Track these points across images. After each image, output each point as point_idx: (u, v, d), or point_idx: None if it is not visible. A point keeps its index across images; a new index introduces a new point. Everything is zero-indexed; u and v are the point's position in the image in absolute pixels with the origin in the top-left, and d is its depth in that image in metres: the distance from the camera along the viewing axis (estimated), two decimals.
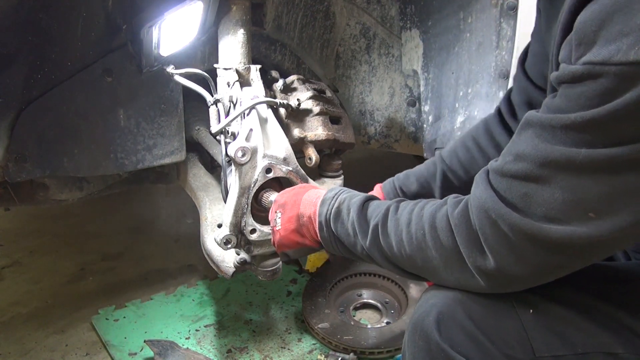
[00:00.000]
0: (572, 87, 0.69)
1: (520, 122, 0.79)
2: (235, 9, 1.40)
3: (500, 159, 0.81)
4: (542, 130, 0.73)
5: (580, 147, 0.69)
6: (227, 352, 1.69)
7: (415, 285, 1.90)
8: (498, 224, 0.76)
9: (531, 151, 0.74)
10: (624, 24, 0.63)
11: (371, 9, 1.74)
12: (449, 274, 0.87)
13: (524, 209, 0.75)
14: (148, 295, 1.98)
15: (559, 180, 0.71)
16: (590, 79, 0.66)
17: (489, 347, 0.82)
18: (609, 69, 0.64)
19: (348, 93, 1.89)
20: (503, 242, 0.77)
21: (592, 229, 0.71)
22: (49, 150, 1.39)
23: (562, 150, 0.70)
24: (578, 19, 0.69)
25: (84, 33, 1.35)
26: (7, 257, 2.25)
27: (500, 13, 1.47)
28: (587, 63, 0.66)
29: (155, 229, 2.54)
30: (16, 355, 1.68)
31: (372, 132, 1.92)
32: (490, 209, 0.77)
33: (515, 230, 0.75)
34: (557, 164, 0.71)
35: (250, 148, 1.23)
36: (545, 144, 0.72)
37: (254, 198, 1.27)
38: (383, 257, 0.94)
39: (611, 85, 0.64)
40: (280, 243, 1.11)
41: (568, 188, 0.71)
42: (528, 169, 0.74)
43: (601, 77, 0.65)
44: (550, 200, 0.72)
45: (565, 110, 0.70)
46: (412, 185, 1.28)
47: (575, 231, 0.71)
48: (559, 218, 0.72)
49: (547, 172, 0.72)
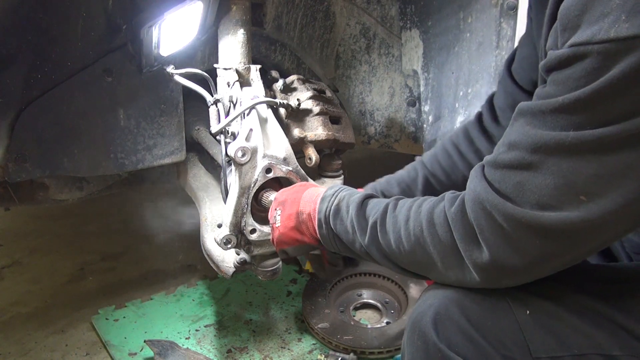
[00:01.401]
0: (559, 72, 0.71)
1: (513, 114, 0.79)
2: (235, 9, 1.40)
3: (494, 151, 0.81)
4: (533, 118, 0.74)
5: (569, 130, 0.70)
6: (227, 352, 1.69)
7: (415, 285, 1.90)
8: (493, 215, 0.77)
9: (522, 139, 0.75)
10: (604, 5, 0.65)
11: (371, 9, 1.74)
12: (446, 270, 0.87)
13: (517, 198, 0.75)
14: (148, 295, 1.98)
15: (550, 165, 0.72)
16: (577, 61, 0.68)
17: (486, 347, 0.82)
18: (592, 47, 0.65)
19: (348, 93, 1.89)
20: (498, 233, 0.77)
21: (584, 212, 0.71)
22: (49, 150, 1.39)
23: (552, 134, 0.71)
24: (561, 7, 0.71)
25: (84, 33, 1.35)
26: (7, 257, 2.25)
27: (500, 13, 1.47)
28: (572, 45, 0.68)
29: (155, 229, 2.54)
30: (16, 355, 1.68)
31: (372, 132, 1.92)
32: (485, 200, 0.78)
33: (510, 220, 0.75)
34: (547, 148, 0.72)
35: (250, 148, 1.23)
36: (535, 130, 0.73)
37: (253, 198, 1.27)
38: (382, 254, 0.94)
39: (596, 64, 0.66)
40: (279, 240, 1.11)
41: (559, 172, 0.72)
42: (520, 156, 0.75)
43: (586, 57, 0.66)
44: (543, 186, 0.73)
45: (554, 96, 0.71)
46: (393, 190, 1.28)
47: (568, 216, 0.72)
48: (552, 204, 0.73)
49: (538, 158, 0.73)
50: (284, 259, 1.23)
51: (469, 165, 1.23)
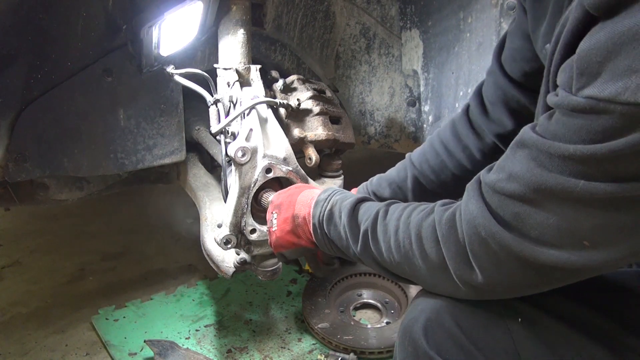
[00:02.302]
0: (571, 117, 0.65)
1: (515, 138, 0.75)
2: (235, 9, 1.40)
3: (493, 172, 0.77)
4: (539, 154, 0.69)
5: (579, 179, 0.65)
6: (227, 352, 1.69)
7: (415, 286, 1.89)
8: (488, 242, 0.74)
9: (525, 174, 0.70)
10: (633, 59, 0.57)
11: (371, 9, 1.74)
12: (435, 282, 0.86)
13: (516, 228, 0.72)
14: (148, 295, 1.98)
15: (554, 207, 0.69)
16: (593, 114, 0.62)
17: (477, 355, 0.81)
18: (614, 107, 0.60)
19: (348, 93, 1.89)
20: (492, 260, 0.75)
21: (585, 257, 0.68)
22: (49, 150, 1.39)
23: (559, 179, 0.67)
24: (581, 45, 0.64)
25: (84, 33, 1.35)
26: (7, 257, 2.25)
27: (500, 13, 1.47)
28: (591, 97, 0.62)
29: (155, 229, 2.54)
30: (16, 355, 1.68)
31: (372, 132, 1.92)
32: (481, 226, 0.75)
33: (506, 249, 0.73)
34: (553, 192, 0.68)
35: (250, 148, 1.23)
36: (540, 169, 0.69)
37: (254, 198, 1.27)
38: (374, 262, 0.94)
39: (616, 123, 0.60)
40: (277, 244, 1.11)
41: (563, 216, 0.68)
42: (522, 191, 0.71)
43: (605, 114, 0.61)
44: (544, 224, 0.70)
45: (563, 139, 0.66)
46: (384, 190, 1.28)
47: (568, 258, 0.69)
48: (552, 243, 0.70)
49: (541, 198, 0.69)
50: (283, 261, 1.23)
51: (457, 164, 1.22)
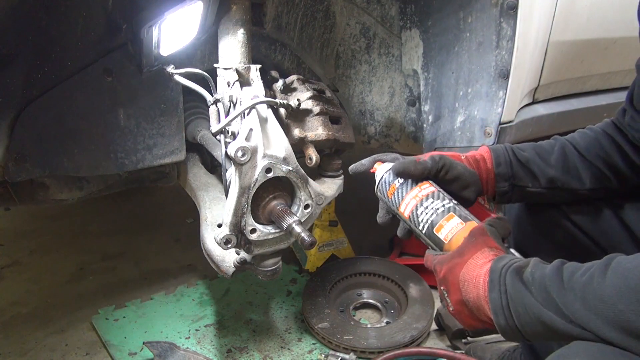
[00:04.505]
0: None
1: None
2: (235, 9, 1.40)
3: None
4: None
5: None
6: (227, 352, 1.69)
7: (415, 285, 1.90)
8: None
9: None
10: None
11: (371, 8, 1.74)
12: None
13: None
14: (148, 295, 1.98)
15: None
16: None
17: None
18: None
19: (348, 93, 1.89)
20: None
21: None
22: (49, 149, 1.39)
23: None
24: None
25: (84, 33, 1.35)
26: (7, 257, 2.26)
27: (500, 13, 1.47)
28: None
29: (155, 229, 2.54)
30: (16, 355, 1.68)
31: (372, 131, 1.92)
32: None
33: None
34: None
35: (250, 148, 1.23)
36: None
37: (256, 201, 1.27)
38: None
39: None
40: (464, 325, 0.98)
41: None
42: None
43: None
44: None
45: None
46: (525, 150, 1.20)
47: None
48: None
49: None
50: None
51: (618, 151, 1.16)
